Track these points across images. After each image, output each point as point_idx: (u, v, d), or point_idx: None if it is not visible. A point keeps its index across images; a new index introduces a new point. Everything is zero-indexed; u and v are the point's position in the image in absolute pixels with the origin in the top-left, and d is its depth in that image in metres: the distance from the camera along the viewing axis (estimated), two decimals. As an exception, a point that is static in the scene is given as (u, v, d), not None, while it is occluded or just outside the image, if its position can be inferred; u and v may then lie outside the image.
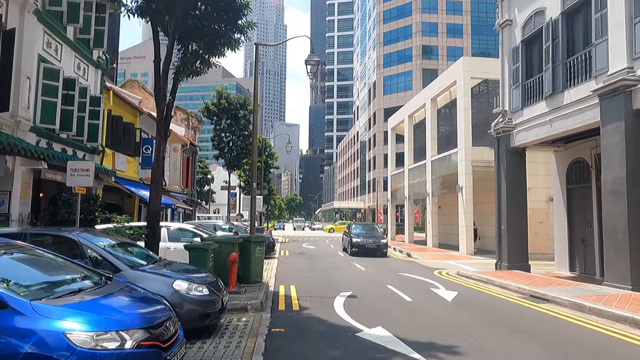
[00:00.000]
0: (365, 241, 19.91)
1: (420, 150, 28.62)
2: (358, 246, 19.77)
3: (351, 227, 22.40)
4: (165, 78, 8.36)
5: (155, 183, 8.28)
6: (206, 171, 53.86)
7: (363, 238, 20.14)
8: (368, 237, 20.29)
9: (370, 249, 19.57)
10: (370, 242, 19.83)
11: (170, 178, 23.60)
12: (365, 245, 19.68)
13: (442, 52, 73.29)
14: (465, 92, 20.98)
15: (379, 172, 73.88)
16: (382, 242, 19.95)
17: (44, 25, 11.71)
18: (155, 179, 8.28)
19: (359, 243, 19.87)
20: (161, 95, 8.29)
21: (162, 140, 8.29)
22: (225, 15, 9.09)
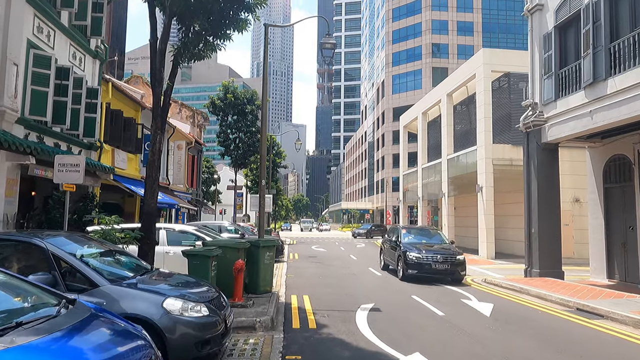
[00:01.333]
0: (430, 257, 12.53)
1: (435, 148, 27.42)
2: (419, 265, 12.45)
3: (399, 233, 14.40)
4: (162, 59, 7.30)
5: (150, 179, 7.23)
6: (212, 171, 52.91)
7: (426, 252, 12.77)
8: (434, 251, 12.89)
9: (440, 272, 12.37)
10: (439, 259, 12.43)
11: (174, 177, 22.62)
12: (431, 265, 12.37)
13: (453, 50, 71.89)
14: (486, 86, 19.78)
15: (387, 173, 72.62)
16: (457, 259, 12.56)
17: (34, 8, 10.71)
18: (151, 175, 7.22)
19: (421, 260, 12.50)
20: (157, 78, 7.23)
21: (158, 131, 7.24)
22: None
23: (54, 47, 11.77)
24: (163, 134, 7.44)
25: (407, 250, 13.02)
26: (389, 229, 16.99)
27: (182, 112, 29.94)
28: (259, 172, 8.72)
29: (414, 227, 16.99)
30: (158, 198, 17.02)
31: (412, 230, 15.34)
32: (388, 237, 15.90)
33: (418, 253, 12.75)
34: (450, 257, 12.63)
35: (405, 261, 12.74)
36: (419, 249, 13.00)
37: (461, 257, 12.80)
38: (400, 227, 15.16)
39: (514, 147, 19.49)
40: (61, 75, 11.71)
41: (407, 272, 12.64)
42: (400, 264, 13.13)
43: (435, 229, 16.73)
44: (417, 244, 13.64)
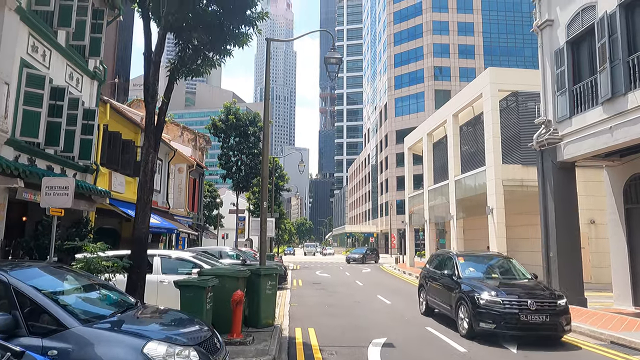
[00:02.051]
0: (515, 303, 8.00)
1: (441, 170, 26.83)
2: (498, 316, 7.97)
3: (454, 263, 9.90)
4: (155, 72, 6.82)
5: (142, 202, 6.64)
6: (215, 195, 52.38)
7: (507, 294, 8.20)
8: (519, 293, 8.30)
9: (534, 326, 7.91)
10: (530, 306, 7.94)
11: (175, 201, 22.04)
12: (518, 315, 7.89)
13: (455, 72, 72.28)
14: (493, 105, 19.32)
15: (392, 195, 71.95)
16: (559, 305, 8.16)
17: (29, 26, 10.37)
18: (143, 197, 6.64)
19: (501, 308, 8.00)
20: (150, 93, 6.74)
21: (151, 150, 6.70)
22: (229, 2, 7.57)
23: (49, 67, 11.39)
24: (156, 153, 6.90)
25: (473, 289, 8.48)
26: (432, 257, 12.00)
27: (184, 135, 29.60)
28: (261, 194, 8.14)
29: (474, 253, 11.40)
30: (156, 222, 16.38)
31: (471, 258, 10.41)
32: (432, 268, 11.28)
33: (494, 295, 8.09)
34: (548, 303, 7.95)
35: (475, 308, 8.11)
36: (492, 287, 8.45)
37: (563, 301, 8.17)
38: (454, 255, 10.31)
39: (524, 168, 18.90)
40: (56, 96, 11.28)
41: (479, 326, 7.97)
42: (462, 311, 8.62)
43: (505, 256, 11.23)
44: (485, 279, 9.24)
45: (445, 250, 12.00)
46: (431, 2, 72.95)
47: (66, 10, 11.67)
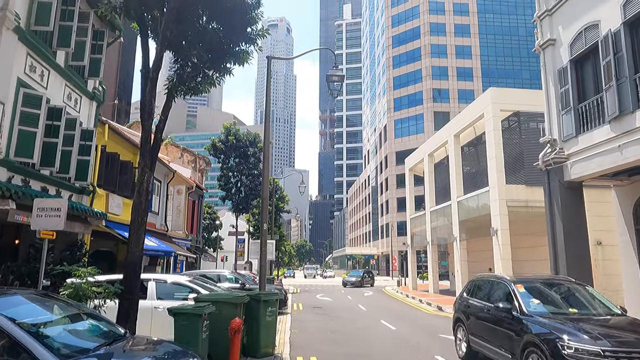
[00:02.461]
0: (628, 356, 5.39)
1: (443, 191, 26.55)
2: None
3: (512, 292, 7.51)
4: (152, 89, 6.61)
5: (136, 224, 6.32)
6: (214, 217, 51.93)
7: (609, 339, 5.63)
8: (629, 340, 5.75)
9: None
10: None
11: (173, 223, 21.67)
12: None
13: (453, 94, 72.82)
14: (495, 125, 19.18)
15: (392, 217, 71.45)
16: None
17: (28, 46, 10.26)
18: (137, 219, 6.33)
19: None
20: (147, 110, 6.50)
21: (146, 169, 6.42)
22: (229, 19, 7.43)
23: (47, 87, 11.24)
24: (152, 173, 6.62)
25: (551, 332, 6.09)
26: (472, 283, 9.49)
27: (184, 157, 29.44)
28: (261, 216, 7.81)
29: (537, 279, 8.41)
30: (154, 245, 15.98)
31: (534, 285, 7.87)
32: (474, 299, 8.85)
33: (589, 340, 5.64)
34: None
35: None
36: (582, 329, 5.97)
37: None
38: (509, 281, 7.82)
39: (528, 188, 18.64)
40: (53, 116, 11.11)
41: None
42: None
43: (578, 282, 8.49)
44: (563, 316, 6.75)
45: (491, 275, 9.32)
46: (429, 26, 74.08)
47: (66, 31, 11.62)
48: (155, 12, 6.30)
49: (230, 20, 7.55)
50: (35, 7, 10.54)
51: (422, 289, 30.50)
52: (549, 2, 13.17)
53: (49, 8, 10.62)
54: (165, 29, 6.25)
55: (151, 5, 6.25)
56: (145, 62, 6.66)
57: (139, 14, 6.38)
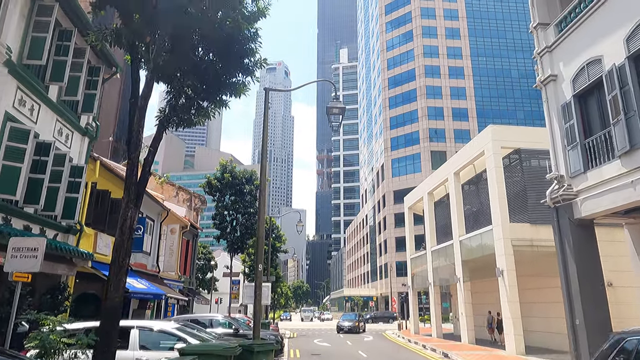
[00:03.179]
0: None
1: (444, 230, 25.93)
2: None
3: None
4: (140, 118, 6.18)
5: (116, 265, 5.70)
6: (209, 257, 50.66)
7: None
8: None
9: None
10: None
11: (165, 264, 20.82)
12: None
13: (449, 134, 73.47)
14: (497, 162, 18.86)
15: (391, 257, 70.16)
16: None
17: (18, 80, 9.95)
18: (117, 260, 5.72)
19: None
20: (134, 141, 6.05)
21: (130, 205, 5.88)
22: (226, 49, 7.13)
23: (36, 122, 10.86)
24: (137, 209, 6.08)
25: None
26: (620, 343, 5.68)
27: (179, 196, 28.89)
28: (255, 256, 7.19)
29: None
30: (143, 288, 15.14)
31: None
32: None
33: None
34: None
35: None
36: None
37: None
38: None
39: (533, 227, 18.09)
40: (41, 151, 10.66)
41: None
42: None
43: None
44: None
45: None
46: (424, 69, 75.77)
47: (60, 66, 11.37)
48: (146, 38, 5.97)
49: (226, 50, 7.23)
50: (29, 40, 10.34)
51: (425, 333, 29.21)
52: (549, 39, 13.15)
53: (42, 42, 10.41)
54: (157, 56, 5.91)
55: (143, 33, 5.93)
56: (134, 91, 6.27)
57: (130, 41, 6.05)
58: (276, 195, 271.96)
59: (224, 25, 6.90)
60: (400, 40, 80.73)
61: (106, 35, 6.01)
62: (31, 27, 10.40)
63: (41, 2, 10.60)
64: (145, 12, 5.76)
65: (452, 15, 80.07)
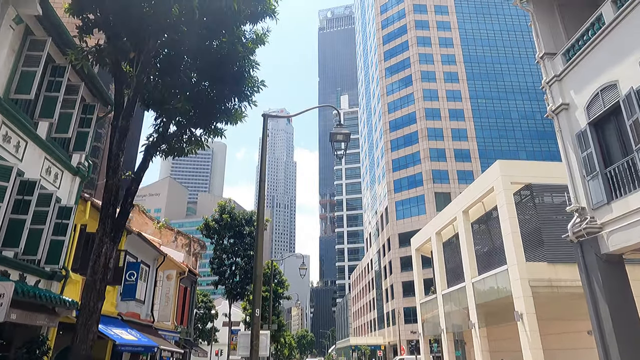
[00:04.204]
0: None
1: (454, 271, 24.72)
2: None
3: None
4: (121, 139, 5.51)
5: (86, 311, 4.85)
6: (210, 306, 48.75)
7: None
8: None
9: None
10: None
11: (160, 313, 19.60)
12: None
13: (453, 175, 73.04)
14: (507, 198, 18.07)
15: (398, 302, 67.67)
16: None
17: (3, 114, 9.42)
18: (87, 305, 4.88)
19: None
20: (113, 165, 5.35)
21: (106, 239, 5.10)
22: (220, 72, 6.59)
23: (22, 159, 10.23)
24: (114, 245, 5.28)
25: None
26: None
27: (178, 240, 27.94)
28: (253, 299, 6.27)
29: None
30: (132, 340, 13.94)
31: None
32: None
33: None
34: None
35: None
36: None
37: None
38: None
39: (551, 266, 17.03)
40: (24, 190, 9.98)
41: None
42: None
43: None
44: None
45: None
46: (424, 112, 76.58)
47: (50, 102, 10.88)
48: (130, 54, 5.42)
49: (221, 73, 6.67)
50: (18, 75, 9.91)
51: (439, 386, 27.24)
52: (557, 68, 12.74)
53: (32, 77, 9.98)
54: (141, 72, 5.33)
55: (127, 50, 5.39)
56: (117, 113, 5.65)
57: (114, 59, 5.50)
58: (279, 241, 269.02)
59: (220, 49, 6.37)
60: (399, 85, 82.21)
61: (87, 53, 5.46)
62: (21, 62, 10.00)
63: (33, 37, 10.28)
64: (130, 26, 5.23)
65: (449, 60, 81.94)
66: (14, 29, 9.62)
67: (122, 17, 5.58)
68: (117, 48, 5.35)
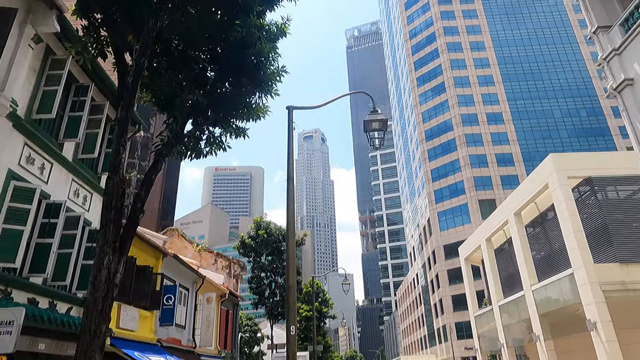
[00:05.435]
0: None
1: (509, 280, 22.85)
2: None
3: None
4: (122, 132, 4.83)
5: (87, 336, 4.08)
6: (255, 329, 48.03)
7: None
8: None
9: None
10: None
11: (202, 337, 18.97)
12: None
13: (496, 181, 69.87)
14: (566, 195, 16.41)
15: (448, 317, 64.53)
16: None
17: (26, 136, 9.14)
18: (89, 328, 4.12)
19: None
20: (112, 163, 4.66)
21: (107, 249, 4.37)
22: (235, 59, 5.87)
23: (47, 181, 9.91)
24: (120, 257, 4.56)
25: None
26: None
27: (218, 263, 27.52)
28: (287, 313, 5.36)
29: None
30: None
31: None
32: None
33: None
34: None
35: None
36: None
37: None
38: None
39: (623, 266, 15.18)
40: (49, 212, 9.62)
41: None
42: None
43: None
44: None
45: None
46: (460, 118, 74.29)
47: (74, 122, 10.65)
48: (129, 36, 4.80)
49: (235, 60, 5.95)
50: (39, 95, 9.69)
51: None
52: (614, 41, 11.38)
53: (53, 95, 9.74)
54: (141, 55, 4.67)
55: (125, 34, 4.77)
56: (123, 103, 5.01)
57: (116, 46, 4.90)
58: (321, 261, 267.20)
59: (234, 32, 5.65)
60: (432, 93, 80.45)
61: (87, 44, 4.90)
62: (43, 81, 9.79)
63: (54, 57, 10.09)
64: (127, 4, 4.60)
65: (482, 63, 79.64)
66: (33, 48, 9.41)
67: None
68: (116, 32, 4.76)
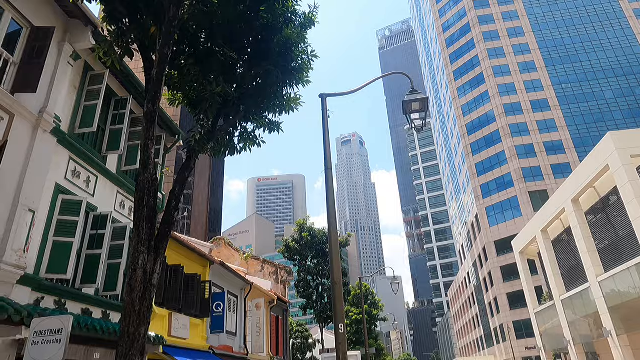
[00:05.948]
0: None
1: (571, 272, 21.40)
2: None
3: None
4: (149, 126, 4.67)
5: (126, 340, 3.90)
6: (306, 335, 47.91)
7: None
8: None
9: None
10: None
11: (254, 344, 18.92)
12: None
13: (547, 171, 66.43)
14: (630, 175, 15.13)
15: (505, 316, 61.70)
16: None
17: (70, 150, 9.36)
18: (127, 331, 3.93)
19: None
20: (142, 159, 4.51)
21: (141, 247, 4.19)
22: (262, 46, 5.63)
23: (94, 194, 10.12)
24: (156, 256, 4.38)
25: None
26: None
27: (265, 269, 27.62)
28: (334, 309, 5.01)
29: None
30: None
31: None
32: None
33: None
34: None
35: None
36: None
37: None
38: None
39: None
40: (96, 224, 9.80)
41: None
42: None
43: None
44: None
45: None
46: (503, 108, 71.49)
47: (116, 135, 10.86)
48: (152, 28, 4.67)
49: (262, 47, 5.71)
50: (81, 110, 9.93)
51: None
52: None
53: (94, 110, 9.96)
54: (164, 45, 4.51)
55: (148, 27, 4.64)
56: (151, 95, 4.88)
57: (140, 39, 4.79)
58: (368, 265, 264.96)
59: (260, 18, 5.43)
60: (471, 85, 78.01)
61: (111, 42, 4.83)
62: (83, 97, 10.04)
63: (93, 72, 10.34)
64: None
65: (522, 49, 76.46)
66: (72, 65, 9.66)
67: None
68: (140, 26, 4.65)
